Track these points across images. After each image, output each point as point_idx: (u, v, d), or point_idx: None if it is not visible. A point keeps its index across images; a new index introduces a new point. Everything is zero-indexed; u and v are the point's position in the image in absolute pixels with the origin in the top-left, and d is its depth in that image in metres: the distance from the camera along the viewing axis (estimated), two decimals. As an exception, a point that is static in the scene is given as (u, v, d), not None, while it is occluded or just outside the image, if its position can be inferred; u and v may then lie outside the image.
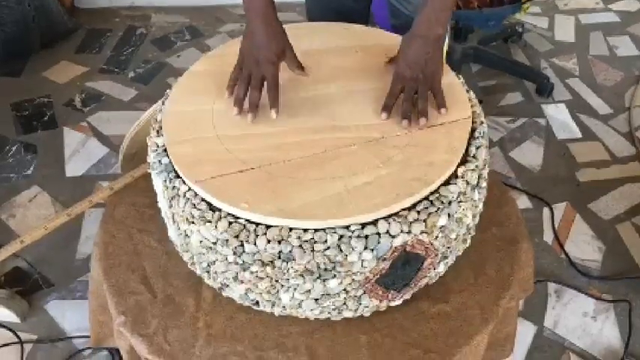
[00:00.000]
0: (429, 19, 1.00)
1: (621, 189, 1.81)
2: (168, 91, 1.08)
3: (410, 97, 0.98)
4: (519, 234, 1.12)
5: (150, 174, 0.99)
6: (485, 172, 0.98)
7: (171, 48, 2.41)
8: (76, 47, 2.41)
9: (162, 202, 0.97)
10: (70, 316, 1.50)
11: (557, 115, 2.07)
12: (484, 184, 0.99)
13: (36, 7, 2.26)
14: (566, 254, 1.61)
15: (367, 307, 0.94)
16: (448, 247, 0.94)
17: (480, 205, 1.01)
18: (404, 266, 0.89)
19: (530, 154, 1.92)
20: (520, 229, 1.13)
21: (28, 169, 1.89)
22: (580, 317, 1.49)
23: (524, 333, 1.44)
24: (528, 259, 1.13)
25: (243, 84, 0.99)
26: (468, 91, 1.05)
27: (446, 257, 0.96)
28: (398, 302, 0.97)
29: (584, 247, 1.65)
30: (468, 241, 1.03)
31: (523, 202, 1.76)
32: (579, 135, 2.00)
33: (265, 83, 0.99)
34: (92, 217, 1.69)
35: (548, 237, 1.67)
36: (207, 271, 0.95)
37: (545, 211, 1.74)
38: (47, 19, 2.34)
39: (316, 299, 0.90)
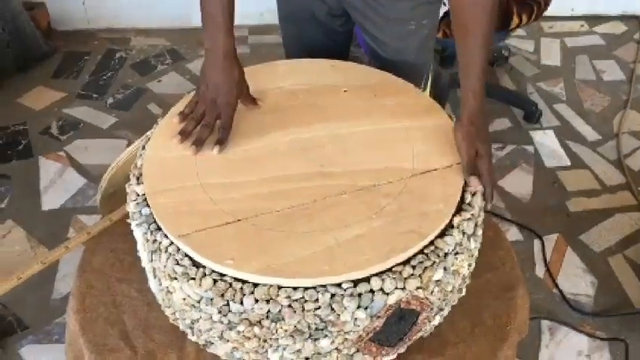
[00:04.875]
0: (478, 108, 0.95)
1: (612, 219, 1.79)
2: (148, 133, 1.03)
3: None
4: (515, 279, 1.09)
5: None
6: (480, 219, 0.95)
7: (151, 72, 2.35)
8: (52, 72, 2.34)
9: (143, 255, 0.93)
10: (46, 361, 1.43)
11: (546, 142, 2.06)
12: (480, 232, 0.95)
13: (10, 30, 2.20)
14: (559, 289, 1.59)
15: (360, 364, 0.90)
16: (444, 300, 0.91)
17: (476, 253, 0.97)
18: (398, 322, 0.85)
19: (520, 183, 1.90)
20: (515, 274, 1.10)
21: (1, 202, 1.81)
22: (574, 356, 1.46)
23: (518, 374, 1.41)
24: (524, 303, 1.09)
25: (194, 120, 1.00)
26: (461, 133, 1.01)
27: (441, 309, 0.93)
28: (392, 357, 0.93)
29: (576, 281, 1.62)
30: (464, 290, 0.99)
31: (513, 233, 1.73)
32: (568, 163, 1.98)
33: (219, 122, 0.99)
34: (69, 254, 1.62)
35: (539, 270, 1.65)
36: (191, 328, 0.90)
37: (536, 242, 1.71)
38: (22, 43, 2.27)
39: (307, 358, 0.86)
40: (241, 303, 0.78)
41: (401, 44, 1.23)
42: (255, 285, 0.79)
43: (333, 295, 0.78)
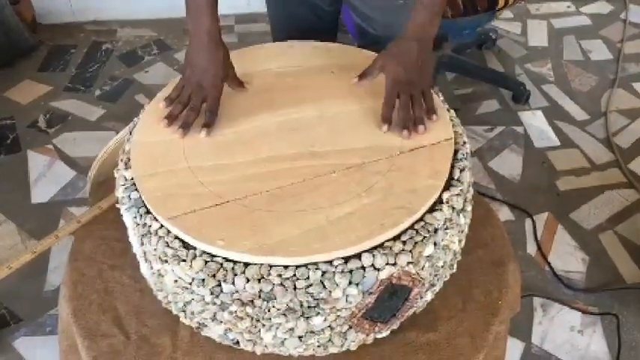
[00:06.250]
0: (423, 22, 1.00)
1: (602, 197, 1.80)
2: (135, 119, 1.03)
3: (407, 105, 0.96)
4: (506, 255, 1.09)
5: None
6: (469, 195, 0.95)
7: (138, 63, 2.33)
8: (38, 65, 2.32)
9: (133, 240, 0.92)
10: (41, 353, 1.42)
11: (535, 122, 2.06)
12: (469, 207, 0.95)
13: (-6, 24, 2.18)
14: (551, 267, 1.59)
15: (354, 341, 0.90)
16: (435, 275, 0.91)
17: (466, 229, 0.97)
18: (390, 298, 0.85)
19: (510, 164, 1.90)
20: (506, 250, 1.10)
21: (-10, 196, 1.80)
22: (567, 332, 1.47)
23: (512, 351, 1.42)
24: (516, 279, 1.10)
25: (180, 103, 0.99)
26: (448, 110, 1.01)
27: (433, 285, 0.93)
28: (385, 334, 0.93)
29: (567, 258, 1.63)
30: (455, 266, 0.99)
31: (504, 213, 1.74)
32: (557, 142, 1.99)
33: (205, 105, 0.99)
34: (60, 244, 1.59)
35: (531, 249, 1.65)
36: (184, 311, 0.90)
37: (527, 222, 1.72)
38: (7, 37, 2.24)
39: (300, 337, 0.86)
40: (233, 283, 0.78)
41: (390, 19, 1.22)
42: (247, 265, 0.79)
43: (324, 273, 0.78)
